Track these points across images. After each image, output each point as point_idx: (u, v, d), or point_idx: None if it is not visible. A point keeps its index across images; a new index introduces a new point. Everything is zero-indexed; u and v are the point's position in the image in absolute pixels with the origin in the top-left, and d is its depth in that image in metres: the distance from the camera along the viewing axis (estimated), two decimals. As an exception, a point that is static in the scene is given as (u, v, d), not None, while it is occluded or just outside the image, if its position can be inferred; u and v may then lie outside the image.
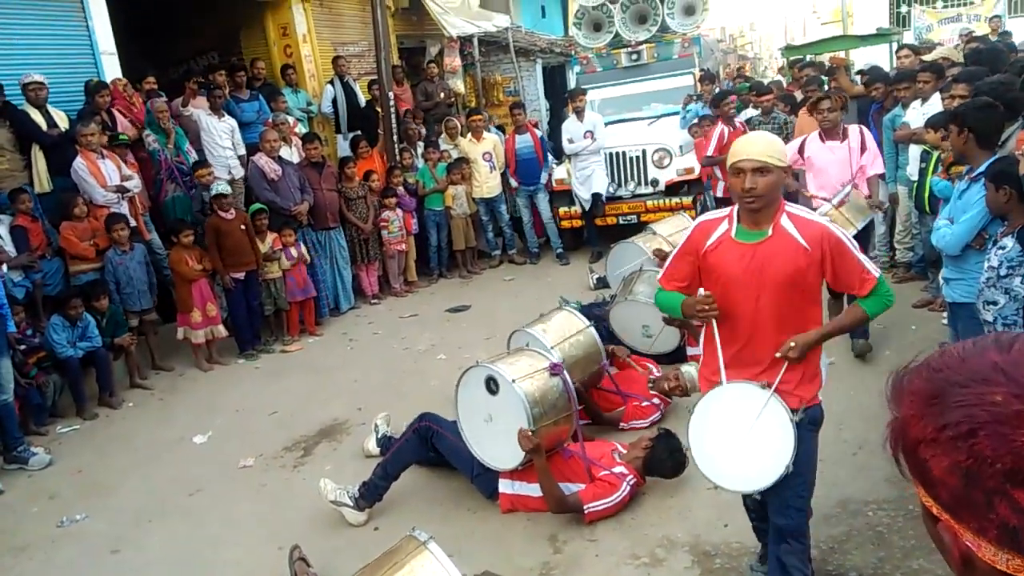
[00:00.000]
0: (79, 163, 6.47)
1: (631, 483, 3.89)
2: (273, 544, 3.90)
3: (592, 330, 4.86)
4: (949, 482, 0.75)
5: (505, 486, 4.03)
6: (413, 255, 9.07)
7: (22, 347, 5.66)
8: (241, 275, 6.96)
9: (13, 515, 4.65)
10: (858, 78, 8.12)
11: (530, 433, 3.71)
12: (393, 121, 9.25)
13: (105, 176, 6.58)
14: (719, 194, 8.22)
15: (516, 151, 9.36)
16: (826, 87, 8.48)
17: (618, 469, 3.92)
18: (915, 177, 6.16)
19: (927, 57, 8.27)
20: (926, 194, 5.94)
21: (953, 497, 0.76)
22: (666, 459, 3.97)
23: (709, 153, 7.81)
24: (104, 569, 3.97)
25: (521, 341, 4.79)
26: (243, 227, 6.98)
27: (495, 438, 3.91)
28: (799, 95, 8.65)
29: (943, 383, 0.79)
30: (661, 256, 6.47)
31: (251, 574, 3.75)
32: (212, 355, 6.99)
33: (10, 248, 5.87)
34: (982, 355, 0.79)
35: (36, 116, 6.52)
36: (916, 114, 6.31)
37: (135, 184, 6.86)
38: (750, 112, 9.11)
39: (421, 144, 9.46)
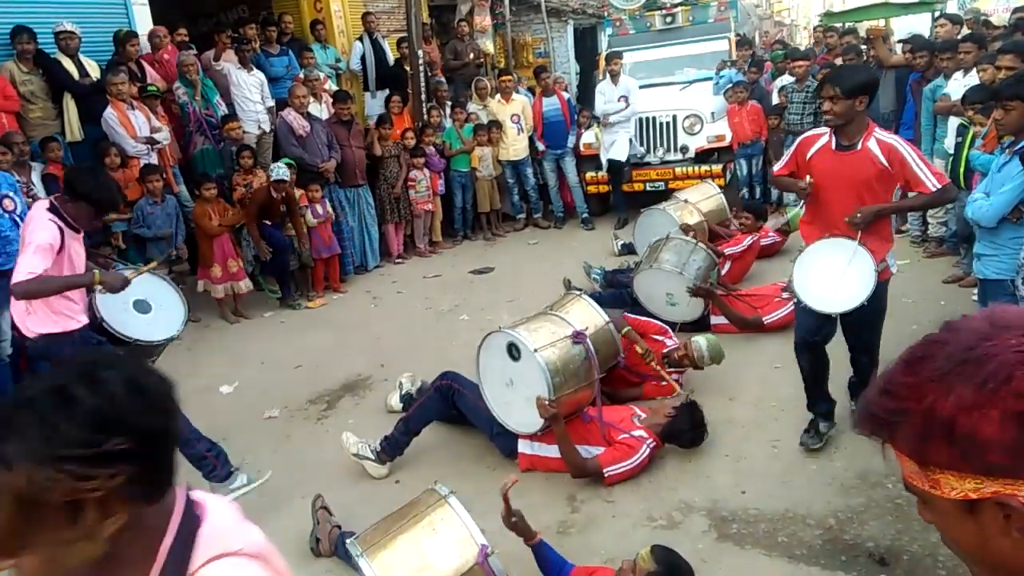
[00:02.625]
0: (109, 113, 6.51)
1: (650, 446, 3.90)
2: (296, 492, 3.98)
3: (611, 326, 4.47)
4: (1005, 436, 0.75)
5: (524, 446, 4.06)
6: (440, 216, 9.07)
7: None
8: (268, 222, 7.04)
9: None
10: (899, 47, 7.91)
11: (548, 403, 3.72)
12: (422, 80, 9.19)
13: (135, 127, 6.62)
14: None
15: (543, 114, 9.28)
16: (864, 57, 8.29)
17: (637, 432, 3.93)
18: (952, 150, 6.03)
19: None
20: (961, 168, 5.81)
21: (1011, 450, 0.75)
22: (687, 431, 3.97)
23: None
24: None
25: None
26: (284, 207, 7.00)
27: (516, 402, 3.93)
28: (839, 62, 8.43)
29: (961, 349, 0.80)
30: (687, 229, 6.41)
31: (274, 521, 3.83)
32: (237, 308, 7.07)
33: (42, 195, 5.93)
34: (971, 321, 0.84)
35: (68, 65, 6.57)
36: (958, 85, 6.15)
37: (164, 136, 6.89)
38: (785, 79, 8.94)
39: (448, 104, 9.39)
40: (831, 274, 3.55)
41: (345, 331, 6.58)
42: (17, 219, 4.98)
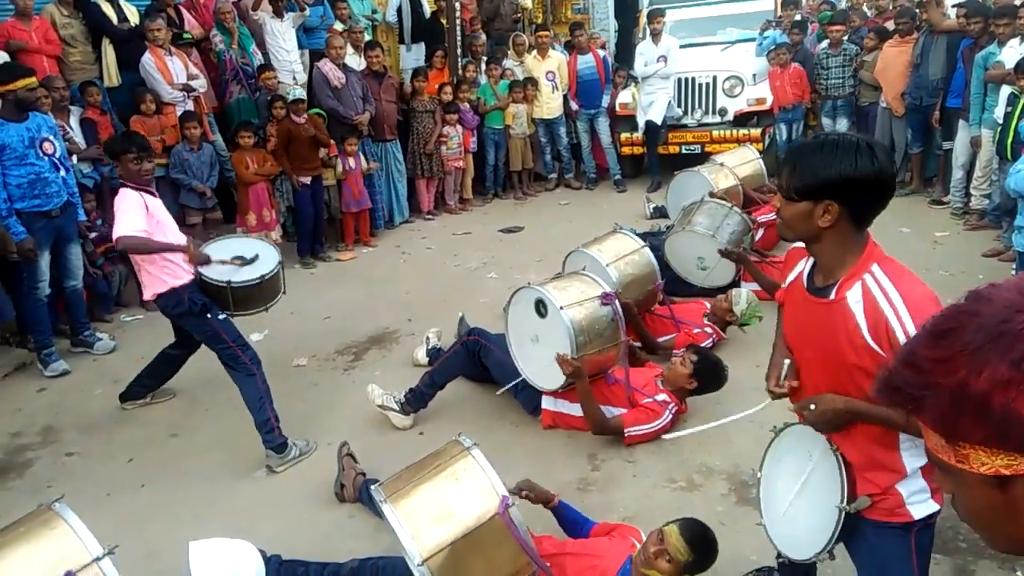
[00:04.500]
0: (147, 59, 6.53)
1: (673, 411, 3.90)
2: (323, 439, 4.06)
3: (647, 250, 4.86)
4: None
5: (548, 403, 4.09)
6: (471, 173, 9.02)
7: (92, 235, 5.86)
8: (308, 179, 7.04)
9: (79, 395, 4.91)
10: (952, 12, 7.62)
11: (569, 358, 3.72)
12: (458, 35, 9.06)
13: (172, 74, 6.64)
14: None
15: (577, 72, 9.14)
16: (917, 20, 8.01)
17: (661, 397, 3.93)
18: (1001, 120, 5.84)
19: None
20: (1009, 139, 5.64)
21: None
22: (711, 380, 3.94)
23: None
24: (163, 450, 4.19)
25: (578, 261, 4.80)
26: (313, 132, 6.99)
27: (541, 359, 3.94)
28: (891, 25, 8.17)
29: (995, 322, 0.77)
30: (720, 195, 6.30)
31: (300, 466, 3.92)
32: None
33: (80, 140, 6.01)
34: (1000, 291, 0.80)
35: (107, 9, 6.58)
36: (1013, 53, 5.93)
37: (201, 84, 6.91)
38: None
39: (484, 60, 9.28)
40: (798, 486, 2.14)
41: (374, 285, 6.63)
42: (57, 162, 5.05)
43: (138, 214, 3.85)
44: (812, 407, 1.95)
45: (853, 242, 1.89)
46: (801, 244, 2.02)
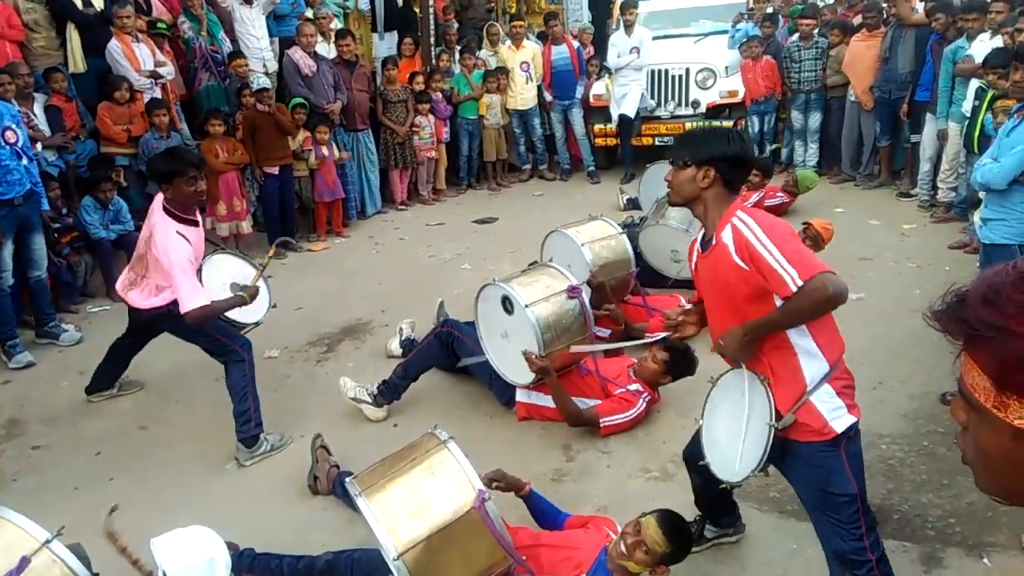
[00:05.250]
0: (114, 45, 6.39)
1: (646, 400, 3.92)
2: (296, 431, 4.03)
3: (624, 238, 4.91)
4: None
5: (522, 395, 4.09)
6: (444, 163, 8.97)
7: (56, 225, 5.74)
8: (275, 169, 6.95)
9: (45, 387, 4.81)
10: (920, 6, 7.73)
11: (534, 356, 3.71)
12: (432, 23, 8.99)
13: (139, 60, 6.51)
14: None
15: (552, 63, 9.11)
16: (885, 15, 8.11)
17: (634, 387, 3.95)
18: (968, 114, 5.94)
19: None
20: (976, 133, 5.73)
21: None
22: (684, 369, 3.96)
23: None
24: (131, 442, 4.13)
25: (555, 242, 4.86)
26: (276, 123, 6.91)
27: (511, 354, 3.93)
28: (858, 20, 8.26)
29: None
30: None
31: (273, 458, 3.88)
32: (239, 248, 7.04)
33: (44, 127, 5.87)
34: None
35: (72, -6, 6.41)
36: (983, 47, 6.02)
37: (168, 71, 6.78)
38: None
39: (458, 49, 9.22)
40: (735, 421, 2.45)
41: (346, 275, 6.57)
42: (20, 151, 4.93)
43: (194, 273, 3.62)
44: (722, 342, 2.38)
45: (727, 200, 2.39)
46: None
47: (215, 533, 2.16)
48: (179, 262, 3.56)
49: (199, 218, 3.81)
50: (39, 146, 5.65)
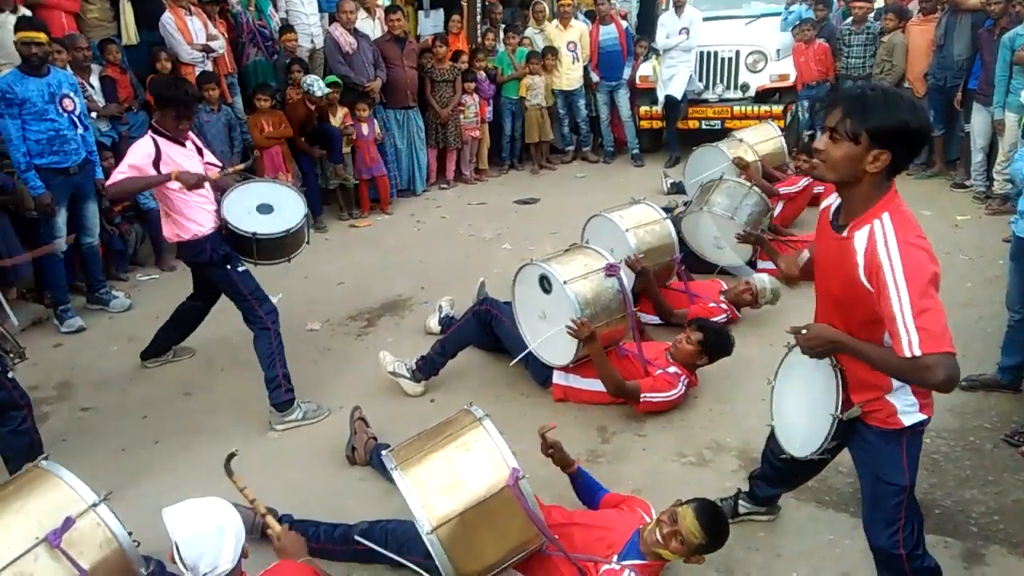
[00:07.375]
0: (167, 17, 6.48)
1: (685, 383, 3.90)
2: (334, 403, 4.09)
3: (669, 223, 4.88)
4: None
5: (559, 377, 4.09)
6: (487, 143, 8.95)
7: (109, 194, 5.87)
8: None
9: (94, 351, 4.96)
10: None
11: (584, 320, 3.69)
12: (478, 1, 8.94)
13: (192, 33, 6.59)
14: None
15: (599, 43, 9.00)
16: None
17: (672, 369, 3.92)
18: (1028, 104, 5.73)
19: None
20: (1037, 124, 5.53)
21: None
22: (720, 350, 3.94)
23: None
24: (175, 407, 4.24)
25: (598, 226, 4.82)
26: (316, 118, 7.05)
27: (550, 335, 3.92)
28: (915, 5, 7.99)
29: None
30: (742, 165, 6.24)
31: (312, 428, 3.95)
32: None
33: (99, 98, 6.00)
34: None
35: (126, -35, 6.51)
36: (1043, 34, 5.79)
37: (220, 45, 6.85)
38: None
39: (502, 27, 9.15)
40: (804, 398, 2.45)
41: (388, 252, 6.63)
42: (77, 120, 5.05)
43: (130, 162, 3.73)
44: (804, 332, 2.21)
45: (882, 189, 2.03)
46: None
47: (229, 503, 2.19)
48: (131, 153, 3.76)
49: (189, 144, 3.94)
50: (94, 115, 5.77)
